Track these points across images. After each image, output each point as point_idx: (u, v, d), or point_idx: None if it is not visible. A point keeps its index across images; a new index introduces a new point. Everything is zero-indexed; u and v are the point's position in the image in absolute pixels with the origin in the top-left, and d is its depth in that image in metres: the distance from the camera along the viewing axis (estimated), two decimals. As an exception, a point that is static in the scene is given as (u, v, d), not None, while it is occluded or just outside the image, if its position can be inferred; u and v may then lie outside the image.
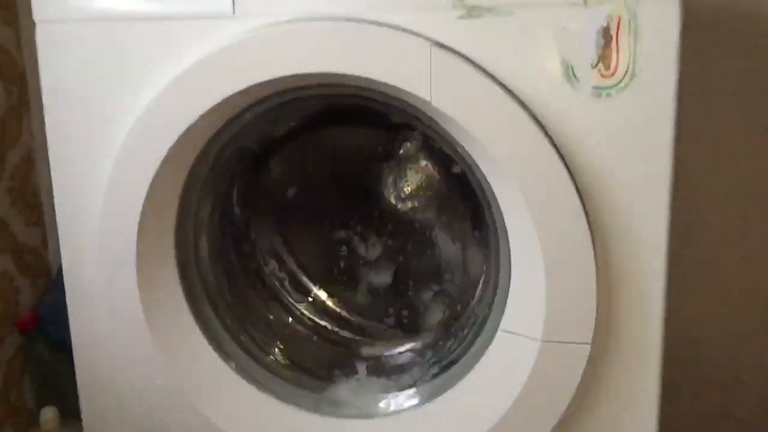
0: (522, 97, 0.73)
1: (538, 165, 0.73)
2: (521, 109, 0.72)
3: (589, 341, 0.75)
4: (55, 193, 0.89)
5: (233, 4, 0.78)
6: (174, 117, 0.79)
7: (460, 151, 0.79)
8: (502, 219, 0.78)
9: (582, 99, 0.72)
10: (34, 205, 1.25)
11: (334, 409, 0.89)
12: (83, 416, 0.96)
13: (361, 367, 0.93)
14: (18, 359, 1.22)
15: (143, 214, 0.83)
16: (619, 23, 0.70)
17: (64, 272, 0.92)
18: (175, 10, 0.79)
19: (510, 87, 0.73)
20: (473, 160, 0.77)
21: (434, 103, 0.73)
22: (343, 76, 0.74)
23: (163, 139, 0.80)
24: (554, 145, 0.73)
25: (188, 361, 0.89)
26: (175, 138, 0.80)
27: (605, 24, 0.70)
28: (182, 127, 0.79)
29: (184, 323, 0.89)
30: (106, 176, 0.84)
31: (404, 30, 0.74)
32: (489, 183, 0.77)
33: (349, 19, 0.75)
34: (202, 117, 0.79)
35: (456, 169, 0.86)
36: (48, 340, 1.22)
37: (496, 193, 0.77)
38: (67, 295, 0.93)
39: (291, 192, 0.99)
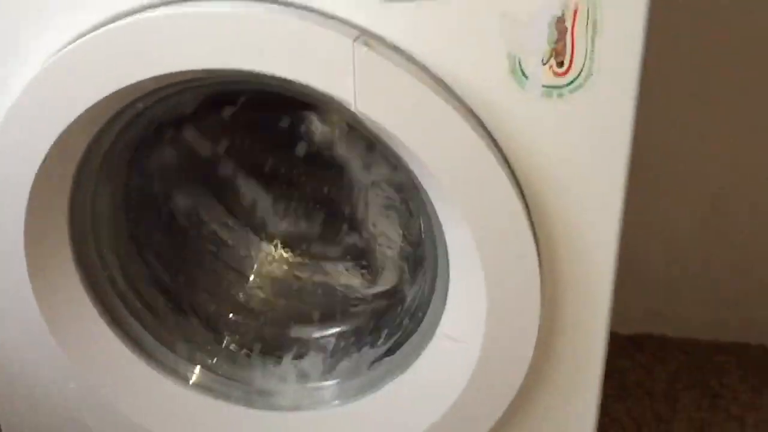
0: (461, 93, 0.63)
1: (477, 172, 0.64)
2: (460, 110, 0.62)
3: (530, 354, 0.70)
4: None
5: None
6: (53, 112, 0.67)
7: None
8: (439, 222, 0.70)
9: (530, 99, 0.62)
10: None
11: (266, 399, 0.84)
12: (1, 421, 0.90)
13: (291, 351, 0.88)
14: None
15: (29, 212, 0.72)
16: (575, 13, 0.59)
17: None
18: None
19: (447, 82, 0.63)
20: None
21: (359, 108, 0.62)
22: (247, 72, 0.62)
23: (42, 136, 0.68)
24: (498, 149, 0.64)
25: (101, 363, 0.81)
26: (55, 136, 0.67)
27: (559, 13, 0.59)
28: (59, 127, 0.66)
29: (88, 321, 0.81)
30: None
31: (322, 13, 0.61)
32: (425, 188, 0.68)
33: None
34: (85, 112, 0.66)
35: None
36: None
37: (432, 199, 0.68)
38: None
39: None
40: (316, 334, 0.88)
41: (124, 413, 0.82)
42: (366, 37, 0.61)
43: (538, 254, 0.67)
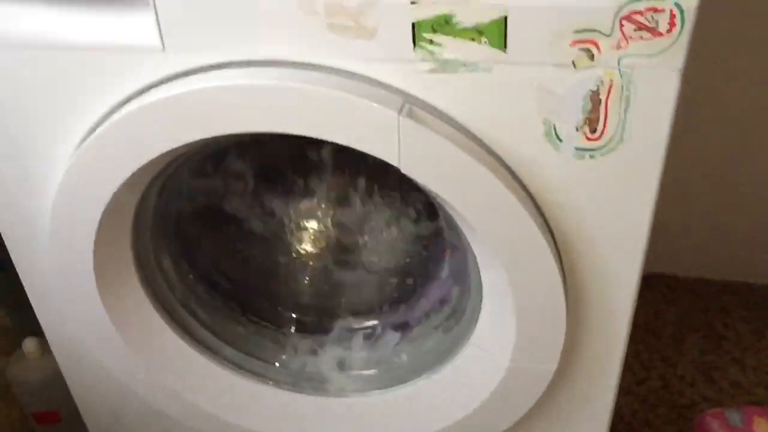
0: (498, 152, 0.67)
1: (512, 225, 0.69)
2: (497, 167, 0.67)
3: (555, 366, 0.78)
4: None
5: (161, 39, 0.66)
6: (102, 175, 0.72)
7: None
8: (475, 260, 0.76)
9: (564, 159, 0.66)
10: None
11: (317, 385, 0.94)
12: (84, 418, 0.99)
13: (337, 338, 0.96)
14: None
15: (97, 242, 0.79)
16: (610, 89, 0.62)
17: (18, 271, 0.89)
18: (101, 41, 0.67)
19: (486, 142, 0.67)
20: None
21: (403, 170, 0.66)
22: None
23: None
24: (533, 201, 0.69)
25: (161, 356, 0.90)
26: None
27: (594, 88, 0.62)
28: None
29: (151, 321, 0.89)
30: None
31: (370, 80, 0.65)
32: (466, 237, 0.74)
33: (302, 65, 0.65)
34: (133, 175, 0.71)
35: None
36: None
37: (470, 243, 0.74)
38: (29, 294, 0.91)
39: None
40: (362, 324, 0.96)
41: (189, 400, 0.92)
42: (410, 103, 0.65)
43: (564, 285, 0.73)
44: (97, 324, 0.86)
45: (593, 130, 0.65)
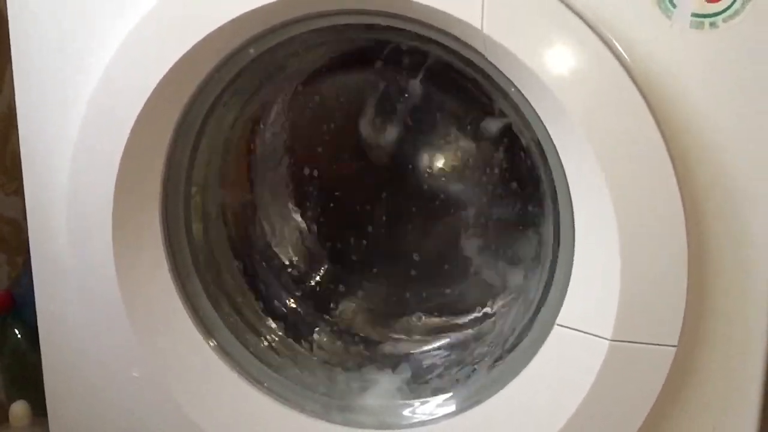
0: (600, 29, 0.57)
1: (618, 118, 0.57)
2: (600, 43, 0.56)
3: (675, 343, 0.59)
4: (22, 153, 0.75)
5: None
6: (155, 55, 0.64)
7: (514, 100, 0.63)
8: (566, 188, 0.62)
9: (679, 31, 0.56)
10: (13, 171, 1.10)
11: (347, 415, 0.73)
12: (49, 410, 0.82)
13: (380, 366, 0.77)
14: (-11, 345, 1.08)
15: (122, 168, 0.68)
16: (732, -72, 0.54)
17: (30, 245, 0.78)
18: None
19: (584, 16, 0.57)
20: (533, 110, 0.61)
21: (486, 31, 0.57)
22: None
23: (144, 80, 0.65)
24: (641, 92, 0.57)
25: (172, 351, 0.74)
26: (160, 77, 0.65)
27: (714, -70, 0.54)
28: (165, 66, 0.64)
29: (169, 306, 0.74)
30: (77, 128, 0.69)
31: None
32: (552, 139, 0.61)
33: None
34: (193, 50, 0.63)
35: (503, 124, 0.70)
36: (24, 325, 1.07)
37: (560, 154, 0.61)
38: (33, 272, 0.78)
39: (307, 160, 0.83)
40: (413, 350, 0.78)
41: (184, 411, 0.72)
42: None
43: (685, 215, 0.57)
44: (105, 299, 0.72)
45: (713, -12, 0.55)
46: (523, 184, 0.75)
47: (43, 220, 0.75)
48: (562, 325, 0.63)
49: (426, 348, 0.78)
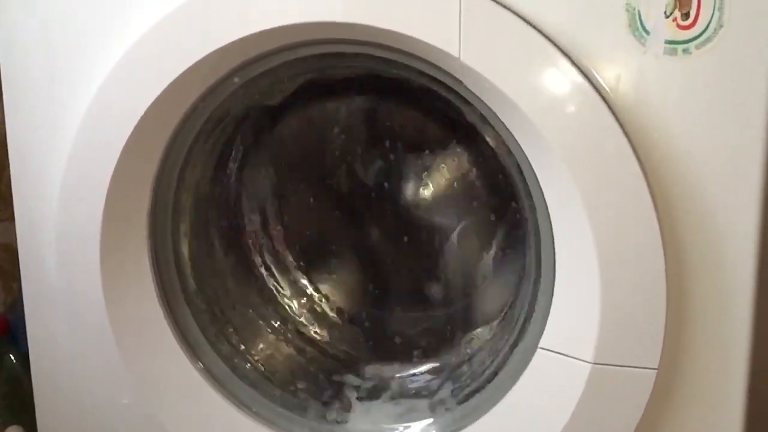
0: (574, 55, 0.58)
1: (594, 144, 0.57)
2: (573, 69, 0.57)
3: (656, 366, 0.59)
4: (12, 176, 0.76)
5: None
6: (143, 82, 0.65)
7: (492, 125, 0.64)
8: (546, 212, 0.62)
9: (652, 57, 0.57)
10: (8, 197, 1.11)
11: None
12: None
13: (365, 391, 0.77)
14: (-15, 371, 1.08)
15: (109, 194, 0.68)
16: (701, -43, 0.55)
17: (21, 271, 0.78)
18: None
19: (560, 43, 0.58)
20: (510, 135, 0.62)
21: (463, 59, 0.58)
22: (347, 26, 0.59)
23: (132, 106, 0.66)
24: (615, 117, 0.58)
25: (161, 379, 0.74)
26: (148, 104, 0.66)
27: (684, -41, 0.55)
28: (150, 97, 0.65)
29: (157, 334, 0.74)
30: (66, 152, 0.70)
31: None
32: (531, 165, 0.62)
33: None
34: (180, 79, 0.65)
35: (487, 149, 0.71)
36: (19, 350, 1.08)
37: (539, 180, 0.62)
38: (24, 299, 0.79)
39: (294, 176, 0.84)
40: (398, 374, 0.78)
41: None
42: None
43: (663, 241, 0.58)
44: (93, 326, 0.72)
45: (685, 15, 0.56)
46: (505, 210, 0.76)
47: (33, 246, 0.76)
48: (545, 349, 0.63)
49: (410, 372, 0.78)
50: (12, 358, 1.09)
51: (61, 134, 0.71)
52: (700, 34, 0.56)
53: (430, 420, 0.71)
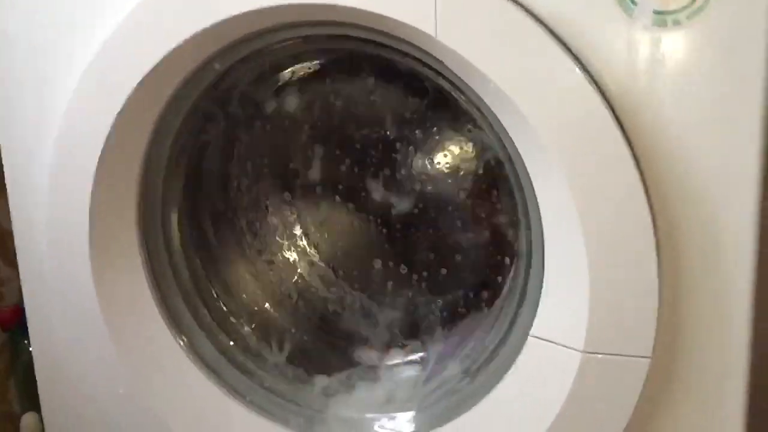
0: (558, 29, 0.55)
1: (580, 125, 0.55)
2: (556, 45, 0.54)
3: (649, 354, 0.57)
4: (3, 160, 0.76)
5: None
6: (132, 60, 0.64)
7: (480, 109, 0.61)
8: (534, 196, 0.60)
9: (640, 29, 0.53)
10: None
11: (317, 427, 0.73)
12: (45, 423, 0.83)
13: (351, 377, 0.76)
14: (2, 359, 1.10)
15: (97, 181, 0.68)
16: None
17: (18, 258, 0.79)
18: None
19: (541, 17, 0.55)
20: (495, 116, 0.59)
21: (439, 38, 0.55)
22: (327, 7, 0.57)
23: (122, 84, 0.65)
24: (602, 95, 0.55)
25: (154, 367, 0.74)
26: (131, 90, 0.65)
27: None
28: (134, 80, 0.64)
29: (149, 322, 0.74)
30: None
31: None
32: (517, 148, 0.59)
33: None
34: (165, 60, 0.63)
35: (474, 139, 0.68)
36: (33, 337, 1.09)
37: (525, 162, 0.59)
38: (22, 286, 0.80)
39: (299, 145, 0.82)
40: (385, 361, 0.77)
41: (167, 424, 0.72)
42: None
43: (655, 228, 0.55)
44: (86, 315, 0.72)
45: (675, -17, 0.52)
46: (496, 197, 0.73)
47: (28, 235, 0.76)
48: (536, 337, 0.61)
49: (398, 360, 0.77)
50: (28, 345, 1.10)
51: (51, 120, 0.70)
52: (691, 3, 0.52)
53: (417, 410, 0.70)
